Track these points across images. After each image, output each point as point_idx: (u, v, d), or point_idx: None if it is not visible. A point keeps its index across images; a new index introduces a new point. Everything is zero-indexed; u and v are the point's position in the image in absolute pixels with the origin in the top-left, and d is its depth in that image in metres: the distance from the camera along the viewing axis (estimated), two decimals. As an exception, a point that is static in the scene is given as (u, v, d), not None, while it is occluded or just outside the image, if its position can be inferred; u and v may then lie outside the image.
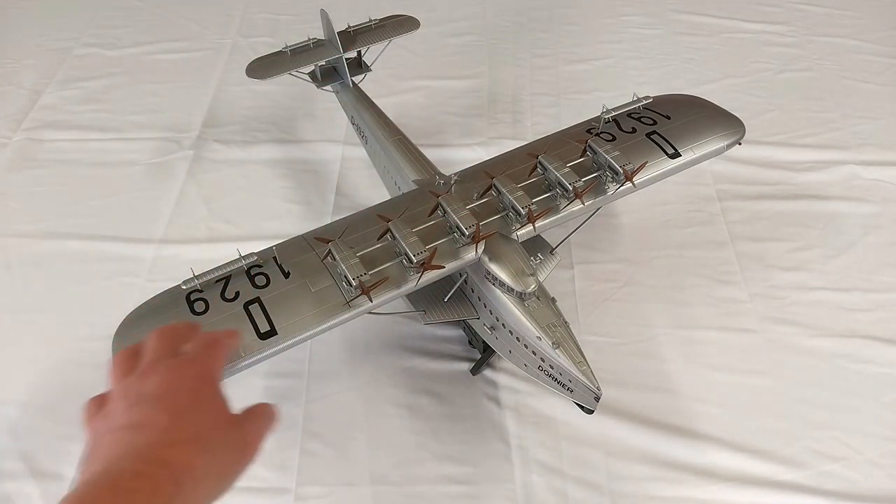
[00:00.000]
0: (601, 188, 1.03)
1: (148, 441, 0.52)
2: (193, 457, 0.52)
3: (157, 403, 0.55)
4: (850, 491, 1.01)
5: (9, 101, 1.73)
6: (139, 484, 0.49)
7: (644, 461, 1.04)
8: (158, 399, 0.55)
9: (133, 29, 1.98)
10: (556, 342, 0.88)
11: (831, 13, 2.00)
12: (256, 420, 0.60)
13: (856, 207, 1.43)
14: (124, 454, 0.51)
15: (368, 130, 1.30)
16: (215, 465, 0.53)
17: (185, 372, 0.58)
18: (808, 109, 1.68)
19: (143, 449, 0.51)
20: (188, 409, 0.55)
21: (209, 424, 0.55)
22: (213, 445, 0.54)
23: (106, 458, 0.51)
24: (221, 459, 0.54)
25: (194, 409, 0.56)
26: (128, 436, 0.53)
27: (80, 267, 1.33)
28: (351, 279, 0.85)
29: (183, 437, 0.53)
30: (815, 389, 1.13)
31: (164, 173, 1.53)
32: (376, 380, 1.15)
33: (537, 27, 1.97)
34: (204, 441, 0.54)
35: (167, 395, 0.56)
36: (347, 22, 1.36)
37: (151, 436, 0.52)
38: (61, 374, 1.16)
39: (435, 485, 1.02)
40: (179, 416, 0.54)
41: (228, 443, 0.56)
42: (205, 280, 0.86)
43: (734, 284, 1.29)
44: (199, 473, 0.52)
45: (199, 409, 0.56)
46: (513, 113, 1.68)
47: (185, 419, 0.54)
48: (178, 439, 0.53)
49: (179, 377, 0.57)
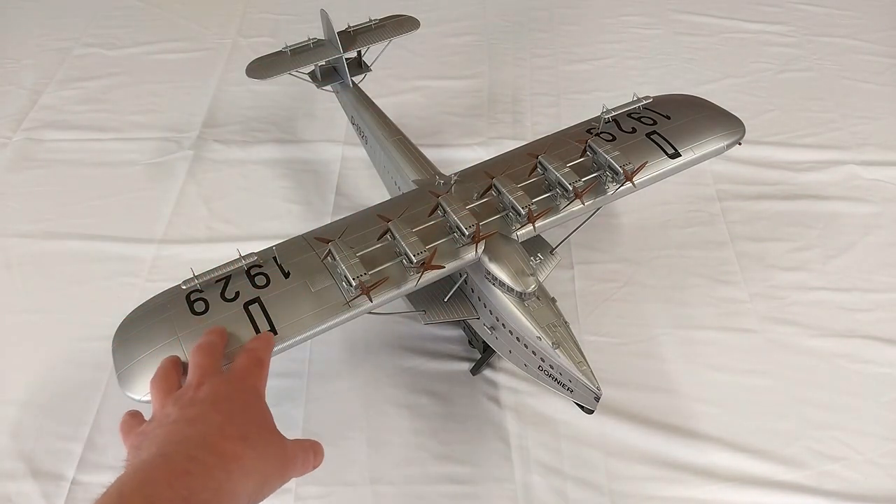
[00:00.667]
0: (601, 188, 1.03)
1: (201, 432, 0.54)
2: (242, 451, 0.54)
3: (210, 406, 0.57)
4: (850, 491, 1.01)
5: (9, 101, 1.73)
6: (193, 467, 0.50)
7: (644, 461, 1.04)
8: (212, 403, 0.58)
9: (133, 29, 1.98)
10: (556, 342, 0.88)
11: (831, 13, 2.00)
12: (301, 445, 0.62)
13: (856, 207, 1.43)
14: (179, 441, 0.53)
15: (368, 130, 1.30)
16: (260, 465, 0.55)
17: (236, 385, 0.61)
18: (808, 109, 1.68)
19: (197, 438, 0.54)
20: (239, 413, 0.58)
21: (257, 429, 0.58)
22: (259, 448, 0.56)
23: (160, 444, 0.53)
24: (265, 463, 0.56)
25: (245, 414, 0.58)
26: (182, 427, 0.55)
27: (80, 267, 1.33)
28: (351, 279, 0.85)
29: (234, 433, 0.55)
30: (815, 389, 1.13)
31: (164, 173, 1.53)
32: (376, 380, 1.15)
33: (537, 27, 1.97)
34: (252, 441, 0.56)
35: (220, 401, 0.58)
36: (347, 22, 1.36)
37: (205, 428, 0.55)
38: (61, 374, 1.16)
39: (435, 485, 1.02)
40: (231, 417, 0.57)
41: (272, 451, 0.58)
42: (205, 280, 0.86)
43: (734, 284, 1.29)
44: (247, 468, 0.53)
45: (249, 415, 0.59)
46: (513, 113, 1.68)
47: (236, 420, 0.57)
48: (229, 434, 0.55)
49: (231, 388, 0.60)
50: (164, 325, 0.83)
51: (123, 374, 0.81)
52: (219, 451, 0.53)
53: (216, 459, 0.52)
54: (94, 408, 1.11)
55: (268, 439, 0.58)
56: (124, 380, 0.81)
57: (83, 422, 1.10)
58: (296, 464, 0.61)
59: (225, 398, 0.59)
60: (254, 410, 0.60)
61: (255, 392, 0.62)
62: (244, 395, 0.60)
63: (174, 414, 0.57)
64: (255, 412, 0.59)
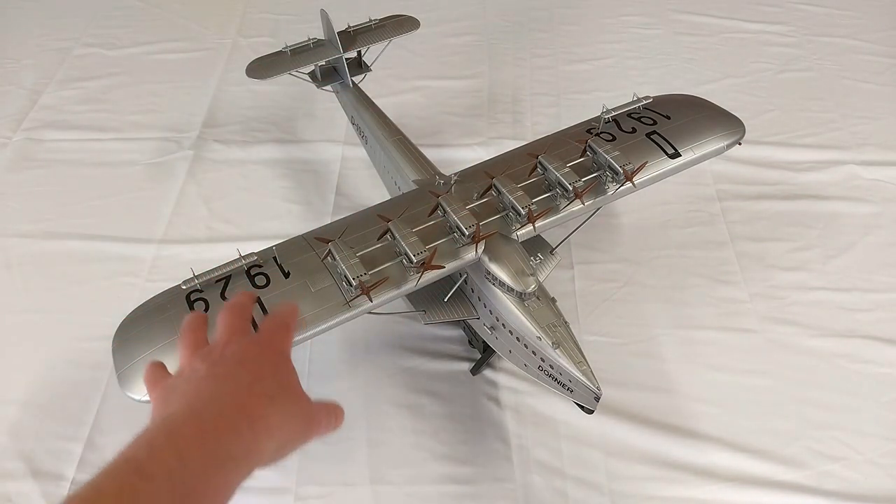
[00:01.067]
0: (601, 188, 1.03)
1: (231, 391, 0.55)
2: (270, 412, 0.54)
3: (239, 364, 0.58)
4: (850, 491, 1.01)
5: (9, 101, 1.73)
6: (223, 424, 0.51)
7: (644, 461, 1.04)
8: (240, 361, 0.58)
9: (133, 29, 1.98)
10: (556, 342, 0.88)
11: (831, 13, 2.00)
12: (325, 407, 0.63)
13: (856, 207, 1.43)
14: (209, 397, 0.54)
15: (368, 130, 1.30)
16: (285, 426, 0.56)
17: (264, 346, 0.61)
18: (808, 109, 1.68)
19: (227, 396, 0.54)
20: (268, 373, 0.58)
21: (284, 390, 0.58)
22: (286, 408, 0.57)
23: (189, 399, 0.54)
24: (290, 424, 0.57)
25: (273, 375, 0.58)
26: (211, 384, 0.55)
27: (80, 267, 1.33)
28: (351, 279, 0.85)
29: (262, 392, 0.56)
30: (815, 389, 1.13)
31: (164, 173, 1.53)
32: (376, 380, 1.15)
33: (537, 27, 1.97)
34: (280, 402, 0.56)
35: (249, 360, 0.58)
36: (347, 22, 1.36)
37: (234, 387, 0.55)
38: (61, 374, 1.16)
39: (435, 485, 1.02)
40: (260, 377, 0.57)
41: (298, 412, 0.58)
42: (205, 280, 0.86)
43: (734, 284, 1.29)
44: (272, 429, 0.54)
45: (277, 376, 0.59)
46: (513, 113, 1.68)
47: (264, 380, 0.57)
48: (257, 393, 0.55)
49: (259, 349, 0.60)
50: (164, 325, 0.83)
51: (123, 374, 0.81)
52: (248, 409, 0.53)
53: (245, 418, 0.52)
54: (94, 408, 1.11)
55: (294, 400, 0.59)
56: (124, 380, 0.81)
57: (83, 422, 1.10)
58: (319, 424, 0.62)
59: (253, 358, 0.59)
60: (281, 371, 0.60)
61: (282, 353, 0.62)
62: (272, 356, 0.61)
63: (202, 370, 0.57)
64: (282, 373, 0.60)
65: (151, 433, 0.49)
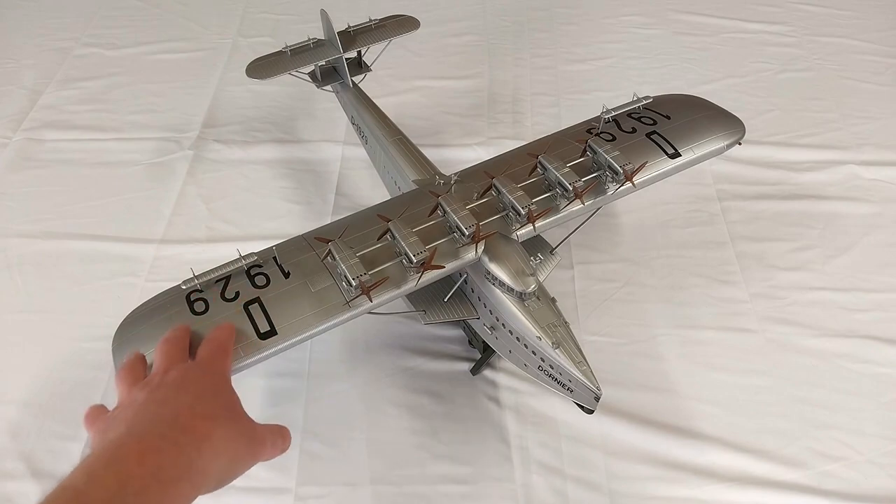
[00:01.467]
0: (601, 188, 1.03)
1: (172, 411, 0.55)
2: (213, 430, 0.54)
3: (179, 388, 0.58)
4: (850, 491, 1.01)
5: (9, 101, 1.73)
6: (164, 444, 0.51)
7: (644, 461, 1.04)
8: (180, 385, 0.58)
9: (133, 29, 1.98)
10: (556, 342, 0.88)
11: (831, 13, 2.00)
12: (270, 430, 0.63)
13: (856, 207, 1.43)
14: (149, 419, 0.53)
15: (368, 130, 1.30)
16: (230, 445, 0.56)
17: (203, 369, 0.62)
18: (808, 109, 1.68)
19: (168, 417, 0.54)
20: (208, 395, 0.58)
21: (226, 410, 0.59)
22: (229, 427, 0.57)
23: (129, 423, 0.54)
24: (235, 443, 0.56)
25: (214, 397, 0.59)
26: (152, 407, 0.55)
27: (80, 267, 1.33)
28: (351, 279, 0.85)
29: (204, 412, 0.56)
30: (815, 389, 1.13)
31: (164, 173, 1.53)
32: (376, 380, 1.15)
33: (537, 27, 1.97)
34: (222, 421, 0.56)
35: (189, 384, 0.59)
36: (347, 22, 1.36)
37: (175, 408, 0.55)
38: (61, 374, 1.16)
39: (435, 485, 1.02)
40: (201, 398, 0.57)
41: (242, 432, 0.58)
42: (205, 280, 0.86)
43: (734, 284, 1.29)
44: (218, 447, 0.54)
45: (218, 398, 0.59)
46: (513, 113, 1.68)
47: (205, 401, 0.57)
48: (200, 413, 0.55)
49: (198, 373, 0.61)
50: (164, 326, 0.83)
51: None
52: (190, 429, 0.53)
53: (187, 437, 0.52)
54: (94, 408, 1.11)
55: (237, 420, 0.59)
56: (124, 380, 0.81)
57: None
58: (265, 445, 0.61)
59: (193, 381, 0.59)
60: (222, 393, 0.60)
61: (222, 376, 0.63)
62: (212, 379, 0.61)
63: (142, 397, 0.57)
64: (223, 395, 0.60)
65: (90, 459, 0.49)
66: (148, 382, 0.59)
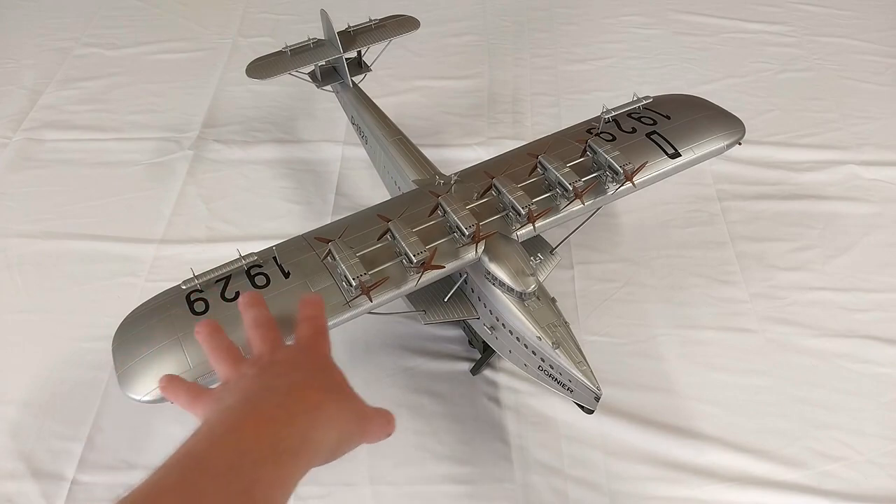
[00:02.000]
0: (601, 188, 1.03)
1: (286, 383, 0.54)
2: (326, 402, 0.53)
3: (291, 366, 0.57)
4: (850, 491, 1.01)
5: (9, 101, 1.73)
6: (280, 414, 0.50)
7: (644, 461, 1.04)
8: (292, 364, 0.57)
9: (133, 29, 1.98)
10: (556, 342, 0.88)
11: (831, 13, 2.00)
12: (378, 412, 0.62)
13: (856, 207, 1.43)
14: (266, 388, 0.53)
15: (368, 130, 1.30)
16: (342, 417, 0.55)
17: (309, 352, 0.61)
18: (808, 109, 1.68)
19: (283, 388, 0.53)
20: (319, 371, 0.58)
21: (337, 385, 0.58)
22: (340, 401, 0.56)
23: (245, 392, 0.53)
24: (346, 417, 0.56)
25: (324, 373, 0.58)
26: (266, 380, 0.54)
27: (80, 267, 1.33)
28: (351, 279, 0.85)
29: (317, 384, 0.55)
30: (815, 389, 1.13)
31: (164, 173, 1.53)
32: (376, 380, 1.15)
33: (537, 27, 1.97)
34: (334, 393, 0.56)
35: (299, 363, 0.58)
36: (347, 22, 1.36)
37: (290, 380, 0.54)
38: (61, 374, 1.16)
39: (435, 485, 1.02)
40: (313, 374, 0.57)
41: (353, 408, 0.57)
42: (205, 280, 0.86)
43: (734, 284, 1.29)
44: (331, 419, 0.53)
45: (327, 374, 0.58)
46: (513, 113, 1.68)
47: (317, 377, 0.57)
48: (314, 385, 0.55)
49: (305, 355, 0.60)
50: (164, 325, 0.83)
51: (123, 374, 0.81)
52: (304, 399, 0.52)
53: (302, 407, 0.51)
54: (94, 408, 1.11)
55: (347, 396, 0.58)
56: (124, 380, 0.81)
57: (83, 422, 1.09)
58: (373, 424, 0.60)
59: (303, 361, 0.59)
60: (330, 370, 0.60)
61: (326, 357, 0.62)
62: (319, 360, 0.60)
63: (253, 372, 0.56)
64: (332, 372, 0.59)
65: (211, 425, 0.48)
66: (257, 361, 0.58)
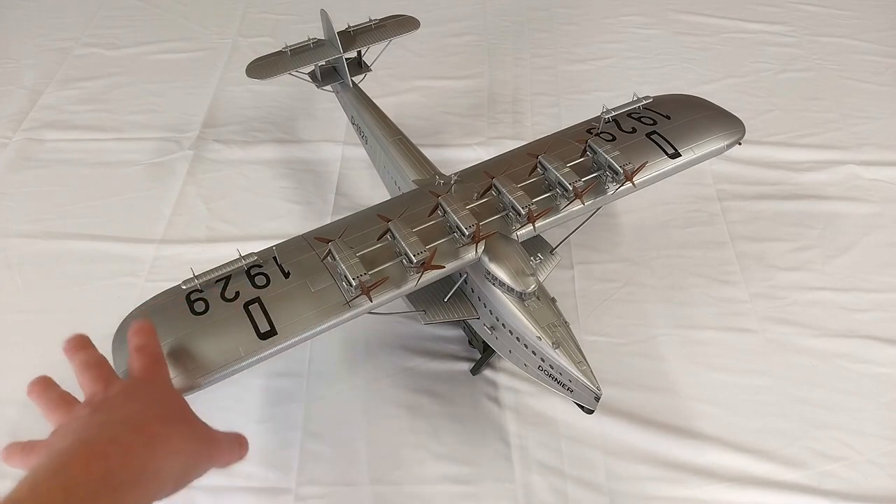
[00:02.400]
0: (601, 188, 1.03)
1: (123, 416, 0.52)
2: (167, 430, 0.52)
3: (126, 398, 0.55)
4: (850, 491, 1.01)
5: (9, 101, 1.73)
6: (113, 449, 0.48)
7: (644, 461, 1.04)
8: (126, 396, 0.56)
9: (133, 29, 1.98)
10: (556, 342, 0.88)
11: (831, 13, 2.00)
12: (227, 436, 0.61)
13: (856, 207, 1.43)
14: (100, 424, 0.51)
15: (368, 130, 1.30)
16: (186, 445, 0.53)
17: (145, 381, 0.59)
18: (808, 109, 1.68)
19: (119, 421, 0.51)
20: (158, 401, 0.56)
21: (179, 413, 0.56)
22: (183, 428, 0.54)
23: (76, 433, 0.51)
24: (191, 444, 0.54)
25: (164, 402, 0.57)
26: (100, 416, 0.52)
27: (80, 267, 1.33)
28: (351, 279, 0.85)
29: (155, 415, 0.53)
30: (815, 389, 1.13)
31: (164, 173, 1.53)
32: (376, 380, 1.15)
33: (537, 27, 1.97)
34: (176, 421, 0.54)
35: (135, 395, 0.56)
36: (347, 22, 1.36)
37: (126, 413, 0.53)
38: (61, 374, 1.15)
39: (435, 485, 1.02)
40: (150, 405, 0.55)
41: (198, 435, 0.56)
42: (205, 280, 0.86)
43: (734, 284, 1.29)
44: (173, 447, 0.51)
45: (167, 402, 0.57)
46: (513, 113, 1.68)
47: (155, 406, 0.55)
48: (151, 417, 0.53)
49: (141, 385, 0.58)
50: (164, 325, 0.83)
51: (123, 374, 0.81)
52: (142, 430, 0.51)
53: (141, 439, 0.50)
54: (94, 408, 1.11)
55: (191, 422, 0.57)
56: (124, 380, 0.81)
57: (83, 422, 1.09)
58: (222, 448, 0.59)
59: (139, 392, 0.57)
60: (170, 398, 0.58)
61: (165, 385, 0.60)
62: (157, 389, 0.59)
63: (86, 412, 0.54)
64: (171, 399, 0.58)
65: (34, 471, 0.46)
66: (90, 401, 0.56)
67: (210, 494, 1.01)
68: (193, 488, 1.00)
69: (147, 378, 0.60)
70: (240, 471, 1.03)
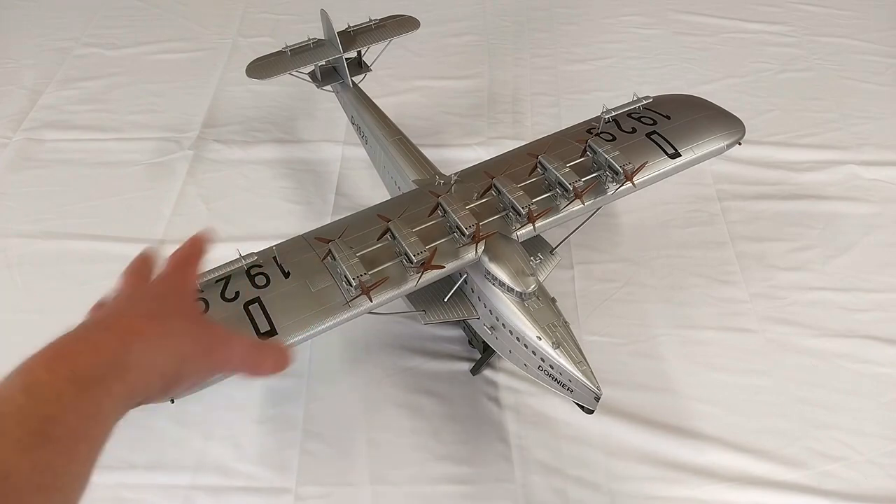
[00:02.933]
0: (601, 188, 1.03)
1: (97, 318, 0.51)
2: (143, 324, 0.50)
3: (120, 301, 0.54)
4: (850, 491, 1.01)
5: (9, 101, 1.73)
6: (80, 346, 0.47)
7: (644, 461, 1.04)
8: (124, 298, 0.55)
9: (133, 29, 1.98)
10: (556, 342, 0.88)
11: (831, 13, 2.00)
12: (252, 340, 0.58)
13: (856, 207, 1.43)
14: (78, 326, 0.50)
15: (368, 130, 1.30)
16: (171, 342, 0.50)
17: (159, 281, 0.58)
18: (808, 109, 1.68)
19: (90, 323, 0.50)
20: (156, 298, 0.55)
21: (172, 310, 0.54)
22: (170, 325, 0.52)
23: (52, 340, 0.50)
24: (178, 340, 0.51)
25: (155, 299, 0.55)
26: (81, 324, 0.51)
27: (80, 267, 1.33)
28: (351, 279, 0.85)
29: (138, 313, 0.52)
30: (815, 389, 1.13)
31: (164, 173, 1.53)
32: (376, 380, 1.15)
33: (537, 27, 1.97)
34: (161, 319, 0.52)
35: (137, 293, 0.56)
36: (347, 22, 1.36)
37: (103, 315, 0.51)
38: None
39: (435, 485, 1.02)
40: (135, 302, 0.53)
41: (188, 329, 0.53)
42: (205, 280, 0.86)
43: (734, 284, 1.29)
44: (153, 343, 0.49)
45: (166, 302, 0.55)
46: (513, 113, 1.68)
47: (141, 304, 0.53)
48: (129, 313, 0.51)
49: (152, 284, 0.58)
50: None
51: None
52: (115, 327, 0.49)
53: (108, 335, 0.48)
54: (94, 408, 1.11)
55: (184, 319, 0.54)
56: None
57: (83, 422, 1.09)
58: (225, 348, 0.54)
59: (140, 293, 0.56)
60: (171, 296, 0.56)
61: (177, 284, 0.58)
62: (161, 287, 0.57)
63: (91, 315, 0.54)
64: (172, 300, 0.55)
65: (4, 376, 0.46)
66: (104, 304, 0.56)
67: (210, 494, 1.01)
68: (193, 488, 1.01)
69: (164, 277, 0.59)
70: (240, 471, 1.04)
